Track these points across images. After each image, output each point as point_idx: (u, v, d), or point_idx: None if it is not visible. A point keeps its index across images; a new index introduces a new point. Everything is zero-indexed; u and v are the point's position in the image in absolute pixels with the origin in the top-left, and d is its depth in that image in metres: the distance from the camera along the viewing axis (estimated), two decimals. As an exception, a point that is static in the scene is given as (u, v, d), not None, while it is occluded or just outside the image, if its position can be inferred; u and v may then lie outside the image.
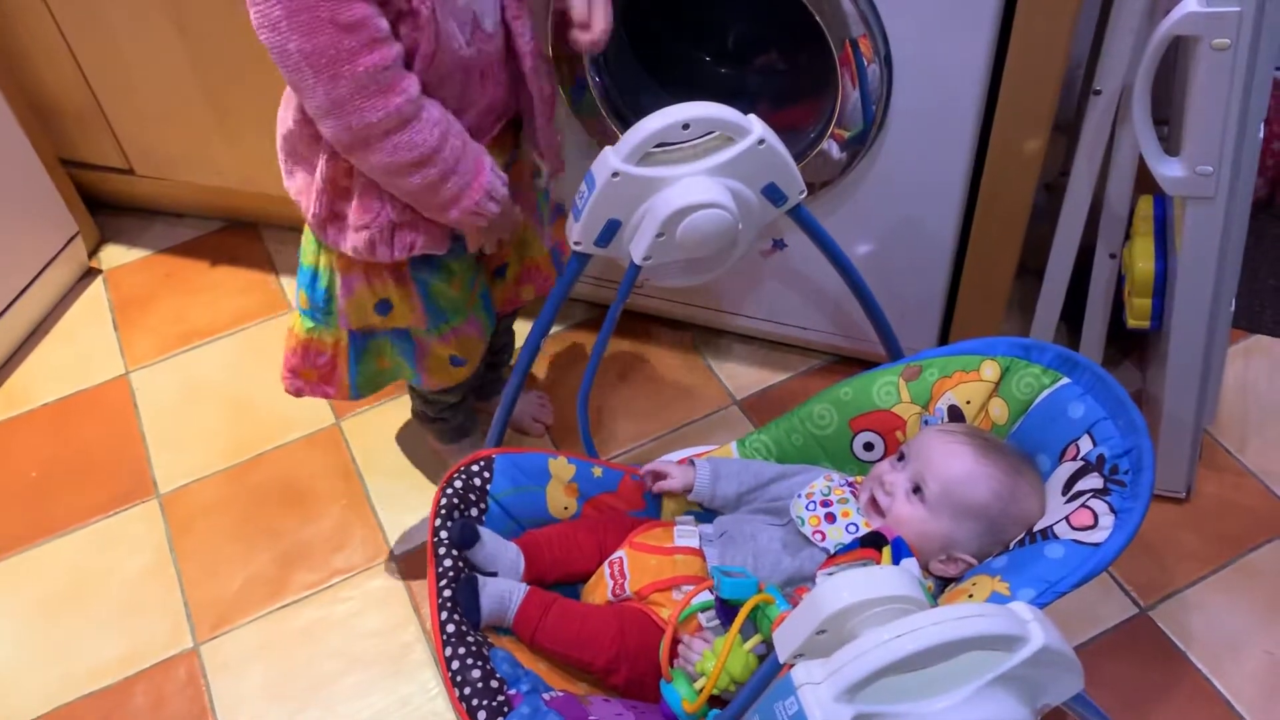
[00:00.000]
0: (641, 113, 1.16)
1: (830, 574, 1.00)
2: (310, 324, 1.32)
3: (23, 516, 1.63)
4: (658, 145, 1.14)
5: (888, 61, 1.31)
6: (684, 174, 1.14)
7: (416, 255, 1.22)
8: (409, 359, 1.36)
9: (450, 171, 1.13)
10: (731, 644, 1.01)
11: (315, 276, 1.28)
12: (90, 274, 1.99)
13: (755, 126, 1.15)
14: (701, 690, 1.02)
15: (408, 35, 1.07)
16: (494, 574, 1.16)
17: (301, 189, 1.21)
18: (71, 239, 1.92)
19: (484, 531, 1.17)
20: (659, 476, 1.27)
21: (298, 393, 1.37)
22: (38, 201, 1.85)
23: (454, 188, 1.14)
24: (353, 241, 1.20)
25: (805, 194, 1.21)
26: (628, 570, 1.18)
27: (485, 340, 1.39)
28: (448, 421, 1.55)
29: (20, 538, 1.61)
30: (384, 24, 1.04)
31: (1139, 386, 1.61)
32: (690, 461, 1.27)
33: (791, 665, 0.80)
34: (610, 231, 1.18)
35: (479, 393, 1.66)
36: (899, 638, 0.74)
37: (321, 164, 1.16)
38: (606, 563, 1.21)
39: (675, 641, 1.11)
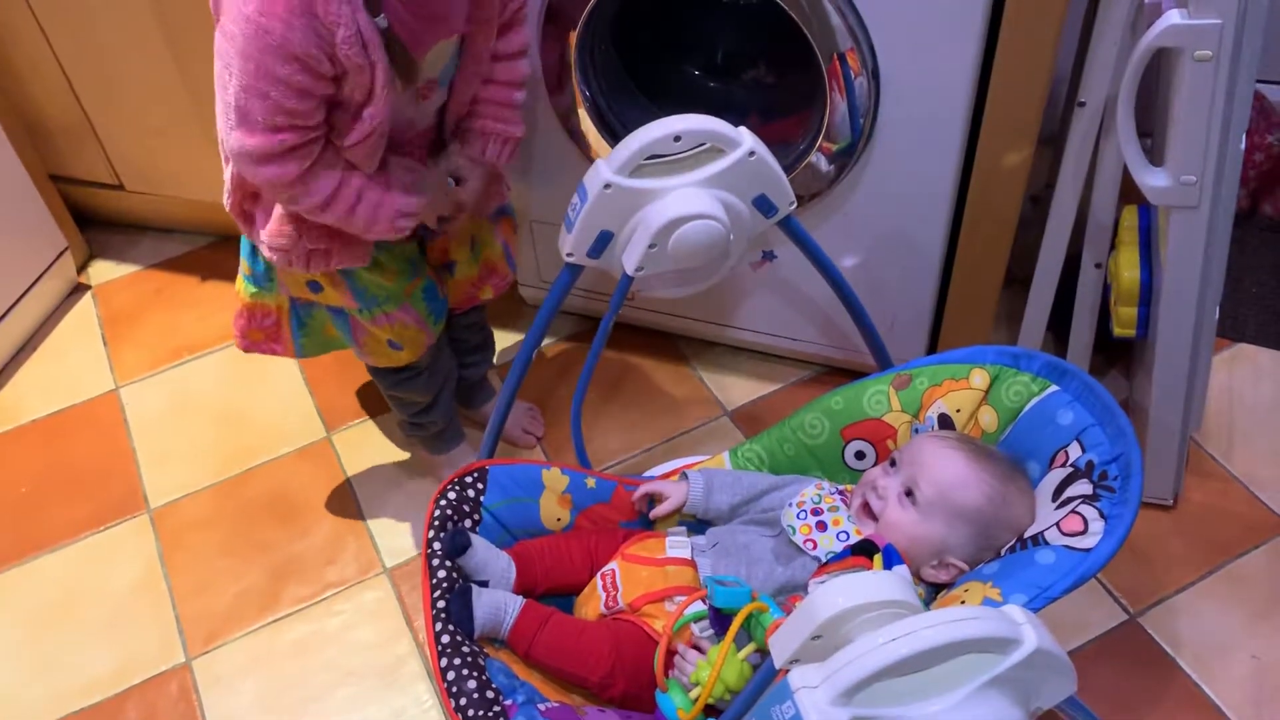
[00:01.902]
0: (631, 126, 1.17)
1: (823, 582, 1.01)
2: (254, 289, 1.37)
3: (12, 532, 1.63)
4: (649, 157, 1.15)
5: (875, 75, 1.32)
6: (676, 185, 1.15)
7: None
8: (346, 334, 1.40)
9: (351, 211, 1.17)
10: (726, 652, 1.02)
11: (255, 249, 1.32)
12: (79, 289, 1.99)
13: (746, 139, 1.16)
14: (697, 700, 1.03)
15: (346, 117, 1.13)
16: (484, 582, 1.17)
17: (228, 176, 1.25)
18: (60, 254, 1.92)
19: (475, 538, 1.17)
20: (654, 499, 1.27)
21: (248, 350, 1.43)
22: (27, 217, 1.85)
23: (362, 220, 1.19)
24: (267, 252, 1.24)
25: (795, 205, 1.22)
26: (620, 582, 1.18)
27: (427, 332, 1.39)
28: (425, 428, 1.55)
29: (10, 553, 1.60)
30: (320, 116, 1.10)
31: (1125, 395, 1.62)
32: (683, 474, 1.28)
33: (787, 670, 0.80)
34: (602, 243, 1.19)
35: (466, 401, 1.67)
36: (894, 641, 0.74)
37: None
38: (599, 575, 1.21)
39: (670, 652, 1.11)
